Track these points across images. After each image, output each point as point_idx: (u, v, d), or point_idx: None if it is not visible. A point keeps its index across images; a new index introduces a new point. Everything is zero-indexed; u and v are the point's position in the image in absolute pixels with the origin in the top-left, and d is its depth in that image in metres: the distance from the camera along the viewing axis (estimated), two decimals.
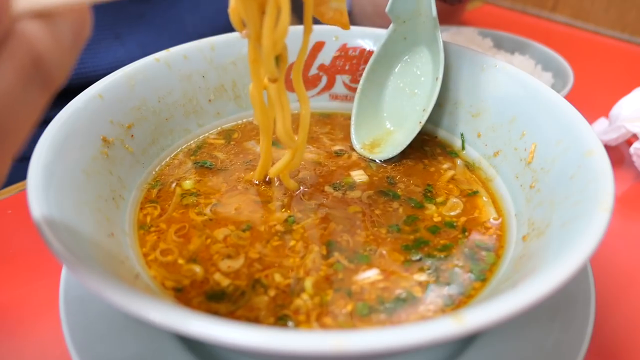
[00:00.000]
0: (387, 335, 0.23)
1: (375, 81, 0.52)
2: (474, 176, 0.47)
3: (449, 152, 0.50)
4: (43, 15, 0.22)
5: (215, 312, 0.34)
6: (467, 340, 0.38)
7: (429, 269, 0.37)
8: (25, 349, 0.41)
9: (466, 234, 0.40)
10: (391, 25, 0.50)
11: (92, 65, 0.70)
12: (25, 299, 0.45)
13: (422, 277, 0.37)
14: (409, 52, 0.51)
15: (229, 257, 0.38)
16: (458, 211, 0.43)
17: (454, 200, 0.44)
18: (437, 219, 0.42)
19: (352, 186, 0.45)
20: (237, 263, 0.38)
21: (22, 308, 0.44)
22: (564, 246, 0.30)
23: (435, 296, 0.35)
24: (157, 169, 0.47)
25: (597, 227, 0.29)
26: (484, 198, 0.44)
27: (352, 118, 0.52)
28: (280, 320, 0.33)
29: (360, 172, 0.47)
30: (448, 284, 0.36)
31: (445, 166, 0.48)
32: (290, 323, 0.33)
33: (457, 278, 0.37)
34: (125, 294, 0.24)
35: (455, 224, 0.41)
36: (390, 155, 0.49)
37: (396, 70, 0.52)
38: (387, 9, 0.48)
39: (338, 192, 0.44)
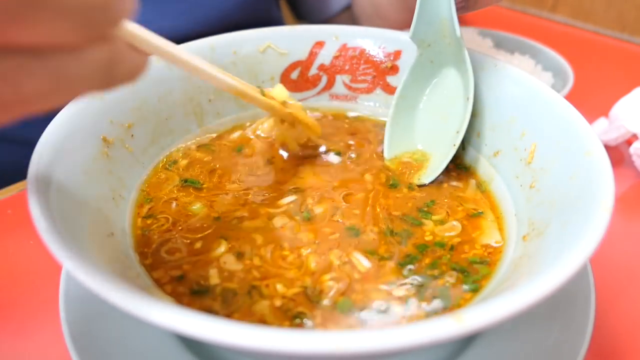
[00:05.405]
0: (387, 335, 0.23)
1: (406, 108, 0.51)
2: (484, 198, 0.45)
3: (460, 167, 0.49)
4: (138, 50, 0.27)
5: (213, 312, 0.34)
6: (467, 340, 0.38)
7: (421, 274, 0.37)
8: (25, 349, 0.41)
9: (454, 252, 0.39)
10: (417, 50, 0.49)
11: None
12: (25, 299, 0.45)
13: (413, 281, 0.37)
14: (437, 75, 0.50)
15: (231, 255, 0.38)
16: (454, 233, 0.41)
17: (454, 223, 0.42)
18: (428, 237, 0.41)
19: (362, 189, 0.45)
20: (237, 265, 0.37)
21: (22, 308, 0.44)
22: (564, 246, 0.30)
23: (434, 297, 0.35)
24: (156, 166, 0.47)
25: (597, 227, 0.29)
26: (488, 220, 0.42)
27: (385, 147, 0.50)
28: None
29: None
30: (440, 290, 0.36)
31: (454, 183, 0.47)
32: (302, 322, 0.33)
33: (447, 290, 0.36)
34: (125, 294, 0.24)
35: (447, 242, 0.40)
36: (427, 181, 0.47)
37: (426, 94, 0.51)
38: (410, 35, 0.47)
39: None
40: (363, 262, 0.38)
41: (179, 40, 0.68)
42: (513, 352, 0.37)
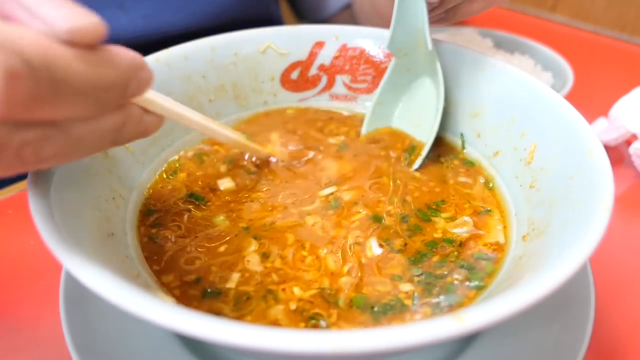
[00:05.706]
0: (388, 335, 0.23)
1: (382, 114, 0.52)
2: (491, 195, 0.45)
3: (467, 163, 0.48)
4: (149, 111, 0.31)
5: (217, 313, 0.34)
6: (467, 340, 0.38)
7: (429, 271, 0.37)
8: (25, 349, 0.41)
9: (461, 248, 0.40)
10: (393, 59, 0.49)
11: None
12: (25, 299, 0.45)
13: (422, 278, 0.37)
14: (413, 84, 0.51)
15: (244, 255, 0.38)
16: (464, 228, 0.41)
17: (465, 218, 0.42)
18: (438, 235, 0.41)
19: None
20: (259, 267, 0.37)
21: (22, 308, 0.44)
22: (564, 246, 0.30)
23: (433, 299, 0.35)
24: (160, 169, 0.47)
25: (597, 227, 0.29)
26: (495, 218, 0.42)
27: None
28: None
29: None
30: (447, 287, 0.36)
31: (462, 179, 0.47)
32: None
33: (454, 287, 0.36)
34: (125, 294, 0.24)
35: (455, 239, 0.40)
36: None
37: (402, 101, 0.52)
38: (386, 45, 0.48)
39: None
40: (374, 249, 0.38)
41: (178, 34, 0.70)
42: (513, 352, 0.37)
